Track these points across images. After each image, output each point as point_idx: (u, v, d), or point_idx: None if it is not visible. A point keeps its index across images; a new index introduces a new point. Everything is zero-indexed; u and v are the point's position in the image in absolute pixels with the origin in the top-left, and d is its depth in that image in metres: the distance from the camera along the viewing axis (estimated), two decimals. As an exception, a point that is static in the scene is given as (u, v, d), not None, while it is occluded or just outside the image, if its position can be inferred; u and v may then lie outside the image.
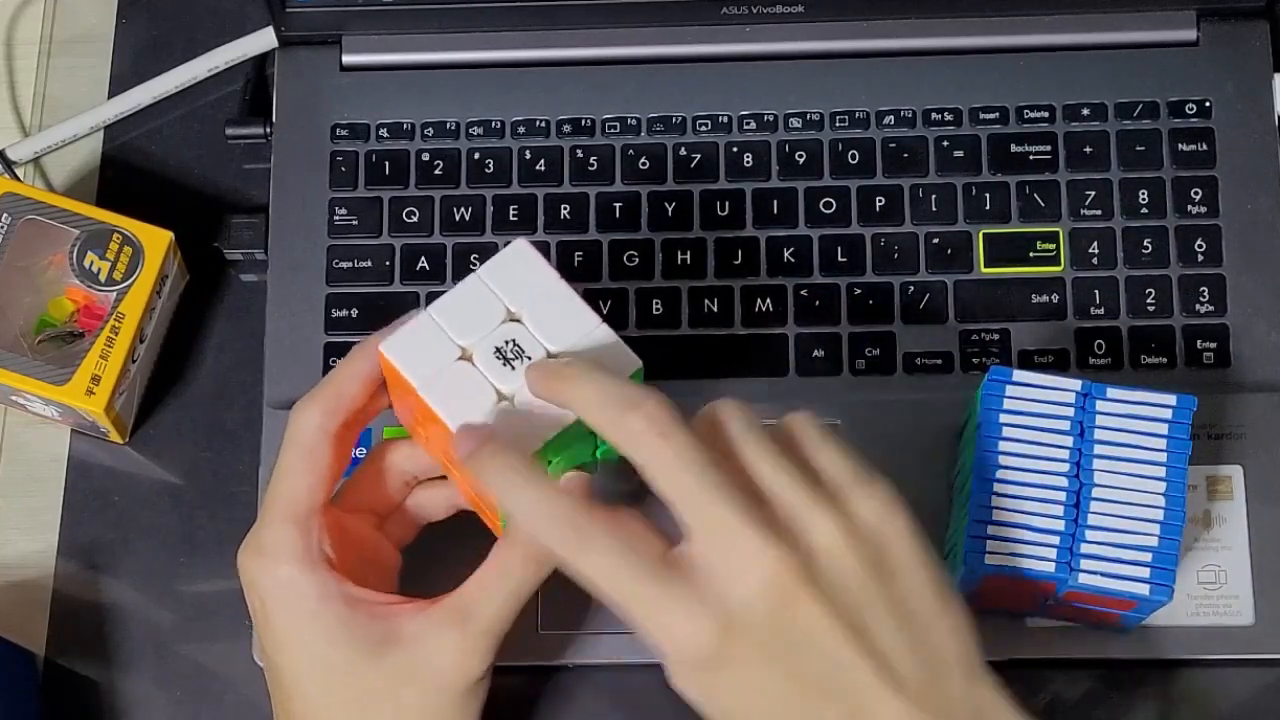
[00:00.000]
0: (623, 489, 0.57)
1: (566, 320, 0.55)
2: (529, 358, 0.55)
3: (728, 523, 0.49)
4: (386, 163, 0.71)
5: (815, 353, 0.68)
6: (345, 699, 0.56)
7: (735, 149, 0.71)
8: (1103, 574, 0.58)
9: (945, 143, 0.70)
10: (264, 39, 0.74)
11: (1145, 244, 0.69)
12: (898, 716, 0.49)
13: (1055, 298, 0.69)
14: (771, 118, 0.71)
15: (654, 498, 0.51)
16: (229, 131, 0.73)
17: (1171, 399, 0.59)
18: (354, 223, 0.71)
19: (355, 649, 0.56)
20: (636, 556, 0.50)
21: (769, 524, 0.49)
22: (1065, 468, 0.59)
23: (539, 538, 0.52)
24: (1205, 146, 0.70)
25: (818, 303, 0.69)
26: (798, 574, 0.49)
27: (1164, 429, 0.59)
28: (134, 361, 0.68)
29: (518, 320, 0.55)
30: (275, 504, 0.57)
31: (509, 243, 0.57)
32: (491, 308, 0.55)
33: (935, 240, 0.69)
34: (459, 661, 0.56)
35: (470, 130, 0.72)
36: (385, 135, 0.72)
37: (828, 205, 0.70)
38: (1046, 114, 0.71)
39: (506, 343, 0.55)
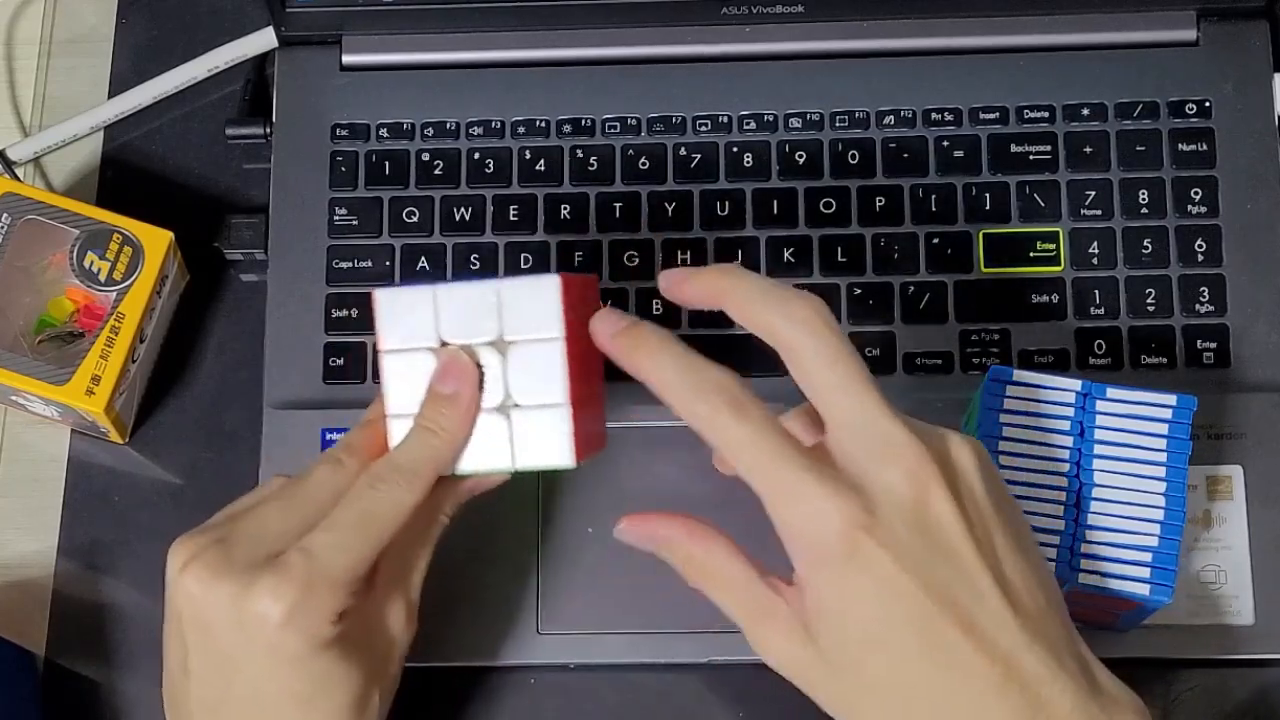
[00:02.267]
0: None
1: (539, 381, 0.54)
2: (484, 391, 0.55)
3: (872, 414, 0.50)
4: (386, 163, 0.71)
5: (815, 353, 0.68)
6: (347, 708, 0.55)
7: (735, 149, 0.71)
8: (1103, 574, 0.58)
9: (945, 143, 0.70)
10: (264, 39, 0.74)
11: (1145, 244, 0.69)
12: (1015, 635, 0.48)
13: (1055, 298, 0.69)
14: (771, 118, 0.71)
15: None
16: (229, 131, 0.73)
17: (1171, 399, 0.59)
18: (354, 223, 0.71)
19: (355, 671, 0.55)
20: (784, 439, 0.50)
21: (910, 425, 0.50)
22: (1065, 468, 0.59)
23: (695, 404, 0.51)
24: (1205, 146, 0.70)
25: (818, 303, 0.69)
26: (937, 473, 0.49)
27: (1164, 429, 0.59)
28: (134, 361, 0.68)
29: (502, 348, 0.55)
30: (329, 555, 0.53)
31: (536, 271, 0.56)
32: (487, 323, 0.55)
33: (935, 240, 0.69)
34: (411, 626, 0.55)
35: (470, 130, 0.72)
36: (385, 135, 0.72)
37: (828, 205, 0.70)
38: (1046, 114, 0.71)
39: (478, 364, 0.55)
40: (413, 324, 0.55)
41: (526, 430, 0.55)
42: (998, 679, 0.48)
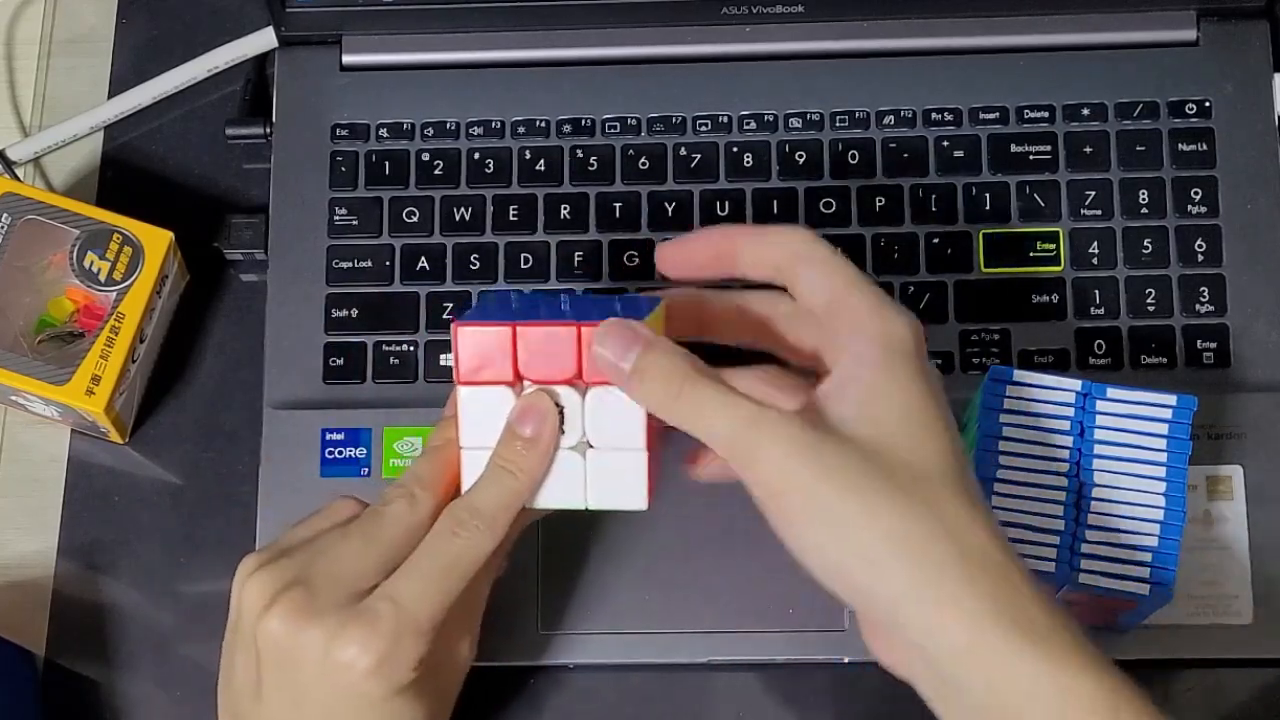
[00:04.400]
0: None
1: (618, 425, 0.54)
2: (563, 432, 0.55)
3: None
4: (386, 163, 0.71)
5: (815, 353, 0.68)
6: None
7: (735, 149, 0.71)
8: (1103, 574, 0.58)
9: (945, 143, 0.70)
10: (264, 39, 0.74)
11: (1145, 244, 0.69)
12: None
13: (1055, 298, 0.69)
14: (771, 118, 0.71)
15: None
16: (229, 131, 0.73)
17: (1171, 399, 0.59)
18: (354, 223, 0.71)
19: (424, 706, 0.56)
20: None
21: None
22: (1065, 468, 0.59)
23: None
24: (1205, 146, 0.70)
25: (818, 303, 0.69)
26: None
27: (1164, 429, 0.59)
28: (134, 361, 0.68)
29: (581, 389, 0.54)
30: (416, 605, 0.54)
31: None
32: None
33: (935, 240, 0.69)
34: (473, 653, 0.56)
35: (470, 130, 0.72)
36: (385, 135, 0.72)
37: (828, 205, 0.70)
38: (1046, 114, 0.71)
39: (558, 405, 0.55)
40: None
41: (602, 472, 0.55)
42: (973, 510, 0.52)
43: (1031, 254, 0.69)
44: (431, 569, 0.54)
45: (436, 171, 0.71)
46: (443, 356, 0.69)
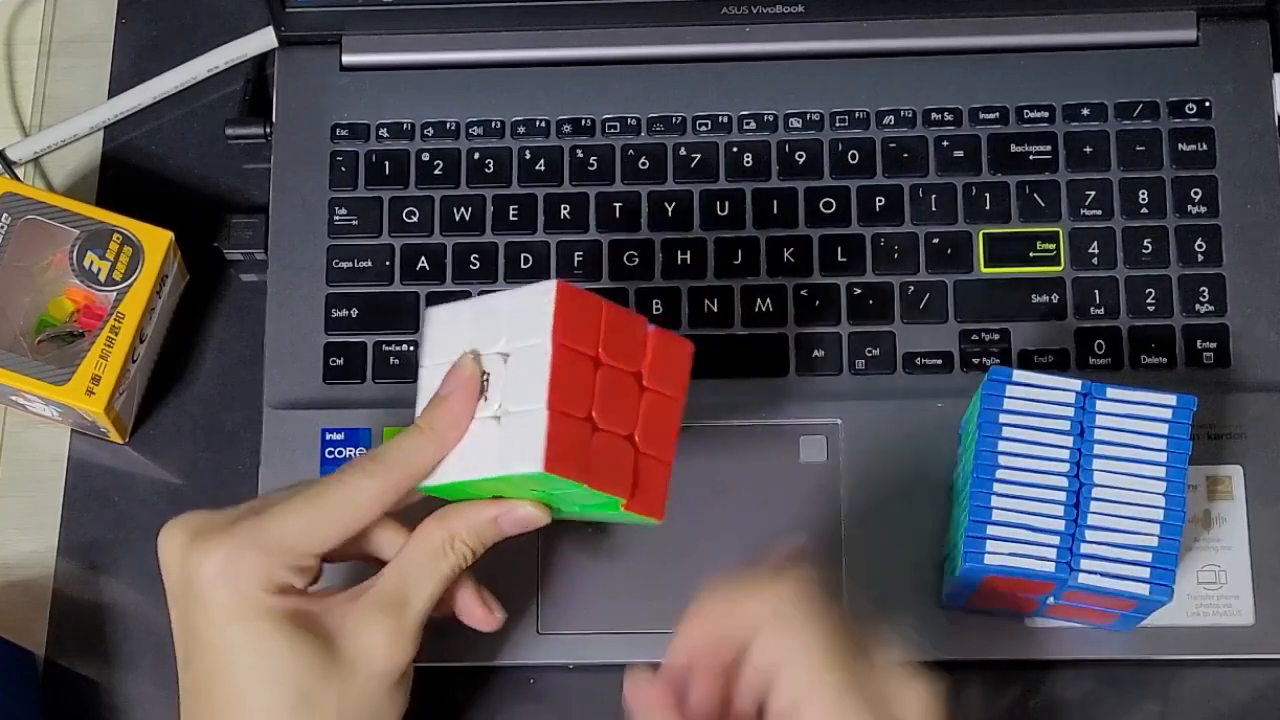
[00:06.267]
0: None
1: (525, 386, 0.54)
2: (486, 400, 0.55)
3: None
4: (386, 163, 0.71)
5: (815, 353, 0.68)
6: (291, 705, 0.54)
7: (735, 149, 0.71)
8: (1103, 574, 0.58)
9: (945, 143, 0.70)
10: (264, 39, 0.74)
11: (1145, 244, 0.69)
12: None
13: (1055, 298, 0.69)
14: (771, 118, 0.71)
15: None
16: (229, 131, 0.73)
17: (1171, 399, 0.59)
18: (354, 223, 0.71)
19: (299, 659, 0.54)
20: None
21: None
22: (1065, 468, 0.59)
23: None
24: (1205, 146, 0.70)
25: (818, 303, 0.69)
26: None
27: (1164, 429, 0.59)
28: (134, 361, 0.68)
29: (505, 358, 0.55)
30: (272, 520, 0.55)
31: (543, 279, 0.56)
32: (499, 334, 0.55)
33: (935, 240, 0.69)
34: (391, 653, 0.56)
35: (470, 130, 0.72)
36: (385, 135, 0.72)
37: (828, 205, 0.70)
38: (1046, 114, 0.71)
39: (484, 373, 0.56)
40: (448, 338, 0.56)
41: (510, 435, 0.55)
42: None
43: (1031, 254, 0.69)
44: (304, 494, 0.55)
45: (436, 171, 0.71)
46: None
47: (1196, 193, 0.69)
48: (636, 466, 0.55)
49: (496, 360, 0.55)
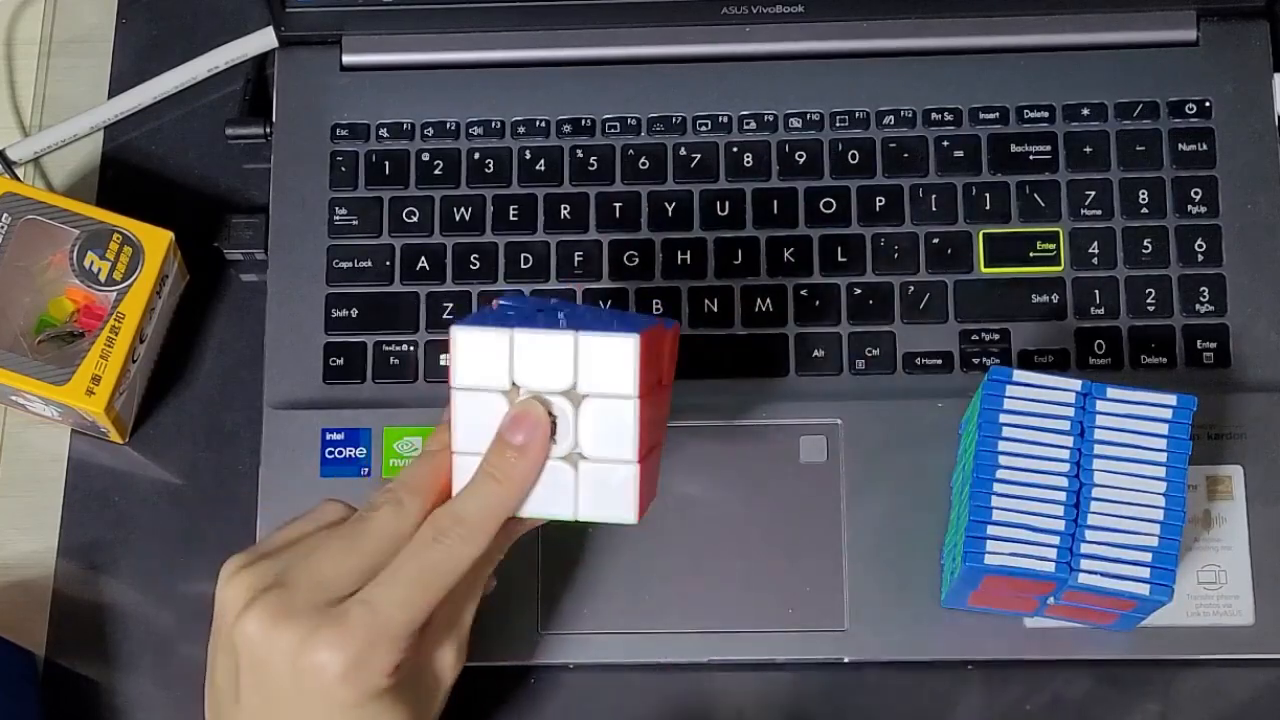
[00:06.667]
0: None
1: (610, 438, 0.54)
2: (554, 441, 0.54)
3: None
4: (386, 163, 0.71)
5: (815, 353, 0.68)
6: None
7: (735, 149, 0.71)
8: (1103, 574, 0.58)
9: (945, 143, 0.70)
10: (264, 39, 0.74)
11: (1145, 244, 0.69)
12: None
13: (1055, 298, 0.69)
14: (771, 118, 0.71)
15: None
16: (229, 131, 0.73)
17: (1171, 399, 0.59)
18: (354, 223, 0.71)
19: (407, 711, 0.55)
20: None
21: None
22: (1065, 468, 0.59)
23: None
24: (1205, 146, 0.70)
25: (818, 303, 0.69)
26: None
27: (1164, 429, 0.59)
28: (134, 361, 0.68)
29: (575, 400, 0.54)
30: (390, 611, 0.53)
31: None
32: (562, 373, 0.54)
33: (935, 240, 0.69)
34: (460, 662, 0.56)
35: (470, 130, 0.72)
36: (385, 135, 0.72)
37: (828, 205, 0.70)
38: (1046, 114, 0.71)
39: (550, 414, 0.54)
40: (487, 364, 0.54)
41: (593, 483, 0.54)
42: None
43: (1031, 254, 0.69)
44: (409, 575, 0.53)
45: (436, 171, 0.71)
46: (443, 357, 0.69)
47: (1196, 193, 0.70)
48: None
49: (562, 402, 0.54)
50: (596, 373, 0.54)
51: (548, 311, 0.58)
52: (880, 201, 0.70)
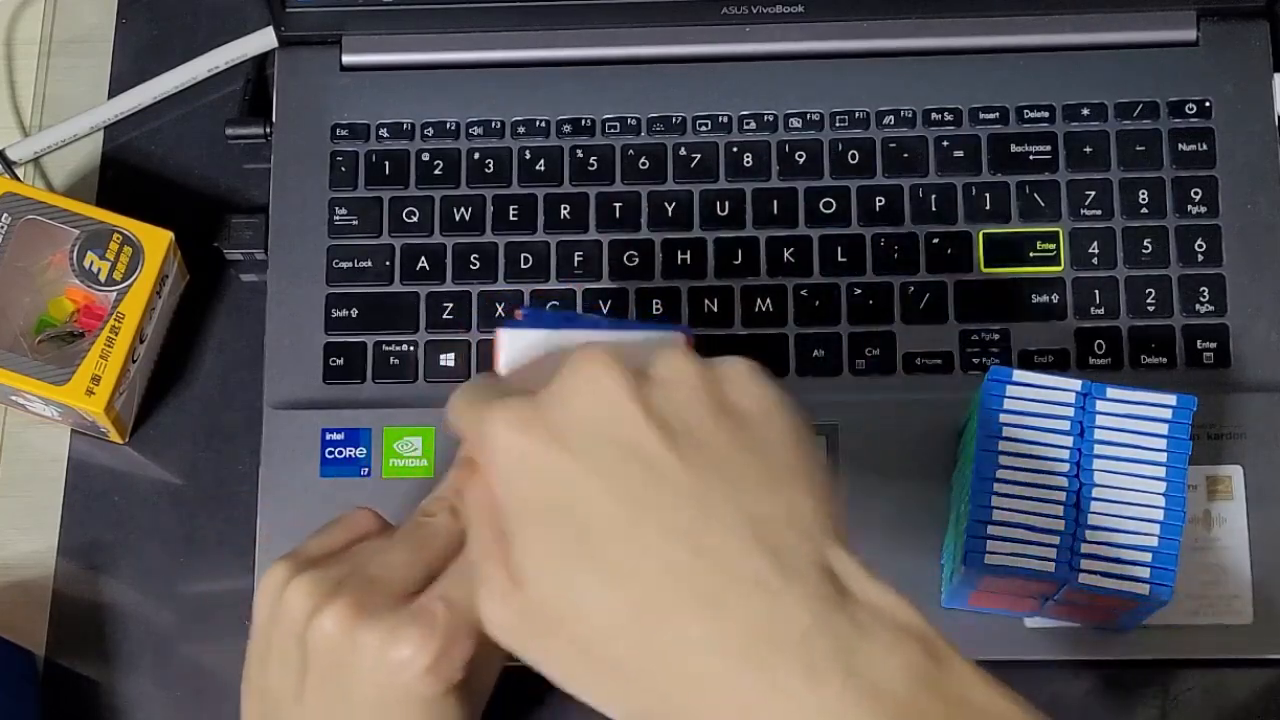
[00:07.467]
0: None
1: None
2: None
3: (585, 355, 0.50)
4: (386, 163, 0.71)
5: (815, 353, 0.68)
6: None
7: (735, 149, 0.71)
8: (1103, 574, 0.58)
9: (945, 143, 0.70)
10: (264, 39, 0.74)
11: (1145, 244, 0.69)
12: (721, 542, 0.47)
13: (1055, 298, 0.69)
14: (771, 118, 0.71)
15: None
16: (229, 131, 0.73)
17: (1171, 399, 0.59)
18: (354, 223, 0.71)
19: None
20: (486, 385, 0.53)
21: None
22: (1065, 468, 0.59)
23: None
24: (1205, 146, 0.70)
25: (818, 303, 0.69)
26: (629, 391, 0.49)
27: (1164, 429, 0.59)
28: (134, 361, 0.68)
29: None
30: (469, 605, 0.53)
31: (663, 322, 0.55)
32: None
33: (935, 240, 0.69)
34: (427, 664, 0.56)
35: (470, 130, 0.72)
36: (385, 135, 0.72)
37: (828, 205, 0.70)
38: (1046, 114, 0.71)
39: None
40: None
41: None
42: (699, 590, 0.47)
43: (1031, 254, 0.69)
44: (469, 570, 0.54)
45: (436, 171, 0.71)
46: (443, 357, 0.69)
47: (1196, 193, 0.70)
48: None
49: None
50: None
51: (576, 319, 0.58)
52: (880, 201, 0.70)
